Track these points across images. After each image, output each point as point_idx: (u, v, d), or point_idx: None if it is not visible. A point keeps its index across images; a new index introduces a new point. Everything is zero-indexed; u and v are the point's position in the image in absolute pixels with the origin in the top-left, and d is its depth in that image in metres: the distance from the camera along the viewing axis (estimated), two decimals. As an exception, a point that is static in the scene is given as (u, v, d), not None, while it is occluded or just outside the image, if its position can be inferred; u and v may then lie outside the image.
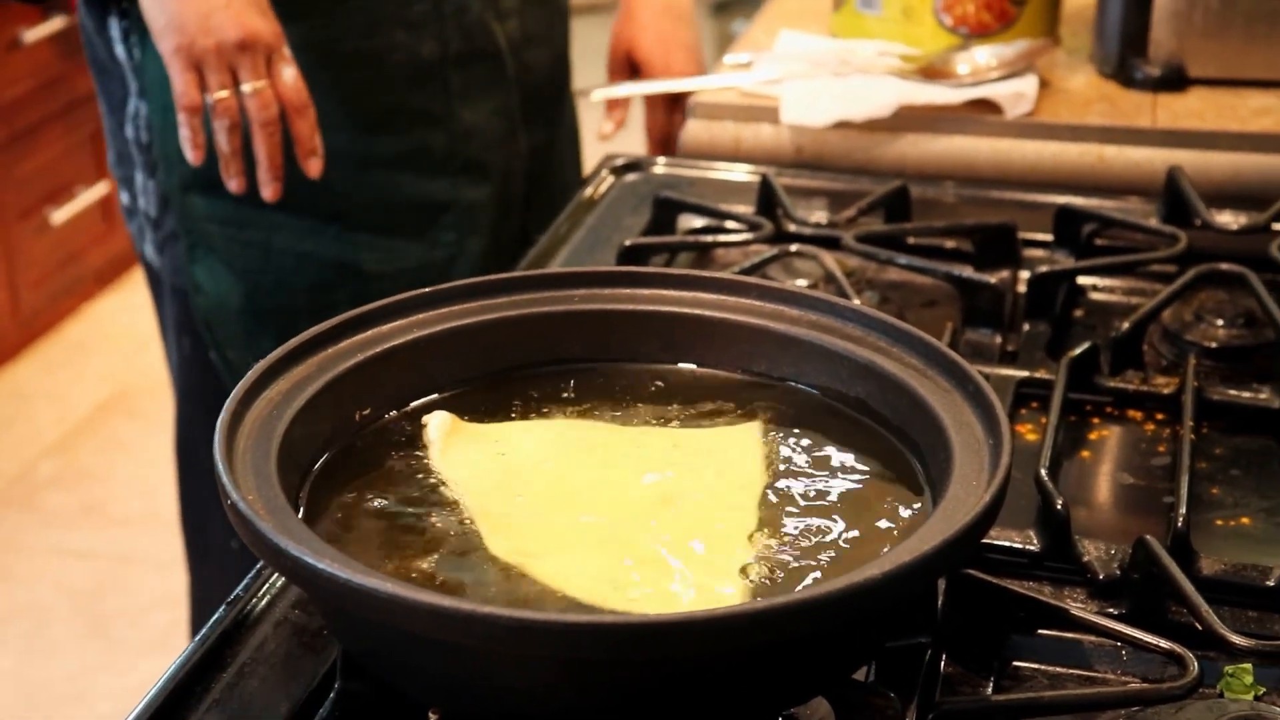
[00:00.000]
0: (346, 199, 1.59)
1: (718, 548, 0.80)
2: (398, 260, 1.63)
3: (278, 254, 1.60)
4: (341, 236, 1.60)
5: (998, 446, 0.79)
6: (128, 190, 1.66)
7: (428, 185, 1.62)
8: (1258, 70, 1.58)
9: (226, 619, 0.86)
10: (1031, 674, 0.84)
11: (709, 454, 0.88)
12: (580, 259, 1.35)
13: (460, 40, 1.61)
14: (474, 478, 0.86)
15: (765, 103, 1.56)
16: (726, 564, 0.79)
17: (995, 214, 1.36)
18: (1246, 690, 0.80)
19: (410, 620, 0.68)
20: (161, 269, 1.67)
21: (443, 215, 1.64)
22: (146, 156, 1.61)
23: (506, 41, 1.65)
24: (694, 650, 0.68)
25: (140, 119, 1.59)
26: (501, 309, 0.96)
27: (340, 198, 1.58)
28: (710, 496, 0.85)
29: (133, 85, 1.58)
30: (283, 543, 0.71)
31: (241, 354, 1.62)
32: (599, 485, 0.86)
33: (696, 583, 0.77)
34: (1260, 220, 1.31)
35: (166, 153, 1.56)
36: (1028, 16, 1.68)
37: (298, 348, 0.88)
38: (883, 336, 0.91)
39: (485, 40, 1.63)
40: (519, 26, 1.67)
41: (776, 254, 1.26)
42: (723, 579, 0.77)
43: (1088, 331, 1.21)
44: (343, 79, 1.56)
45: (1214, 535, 0.95)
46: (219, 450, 0.77)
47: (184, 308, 1.65)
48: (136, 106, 1.59)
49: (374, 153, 1.59)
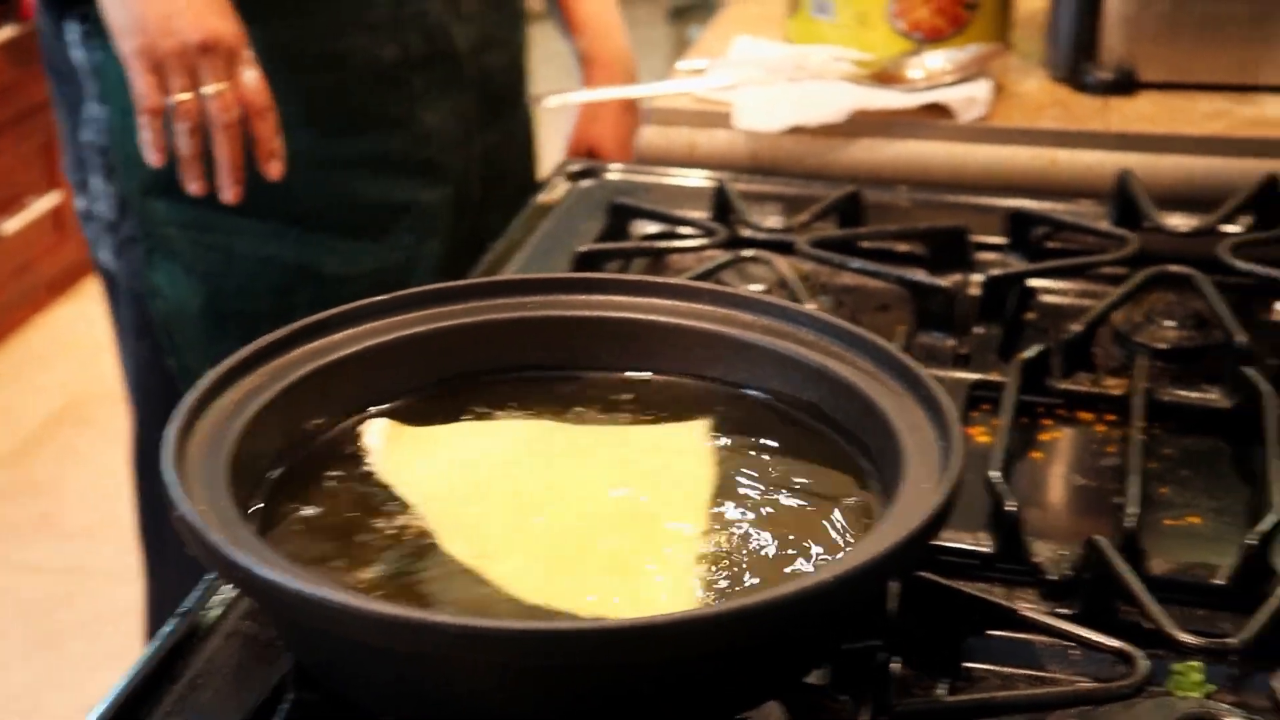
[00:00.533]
0: (308, 202, 1.59)
1: (672, 548, 0.80)
2: (357, 264, 1.62)
3: (239, 258, 1.60)
4: (302, 239, 1.60)
5: (949, 449, 0.79)
6: (84, 195, 1.65)
7: (387, 188, 1.62)
8: (1207, 74, 1.59)
9: (178, 630, 0.86)
10: (984, 675, 0.85)
11: (658, 451, 0.89)
12: (535, 265, 1.35)
13: (421, 43, 1.61)
14: (422, 482, 0.86)
15: (720, 108, 1.57)
16: (681, 565, 0.79)
17: (948, 218, 1.37)
18: (1195, 688, 0.80)
19: (361, 630, 0.68)
20: (118, 274, 1.66)
21: (402, 218, 1.64)
22: (104, 160, 1.60)
23: (466, 44, 1.66)
24: (646, 656, 0.68)
25: (98, 122, 1.59)
26: (455, 316, 0.96)
27: (302, 201, 1.58)
28: (662, 496, 0.85)
29: (90, 88, 1.58)
30: (233, 554, 0.71)
31: (199, 359, 1.61)
32: (550, 485, 0.86)
33: (652, 584, 0.77)
34: (1209, 222, 1.32)
35: (126, 156, 1.55)
36: (980, 21, 1.69)
37: (249, 357, 0.87)
38: (835, 341, 0.91)
39: (445, 43, 1.63)
40: (478, 29, 1.67)
41: (731, 259, 1.27)
42: (678, 580, 0.78)
43: (1039, 334, 1.22)
44: (305, 82, 1.56)
45: (1163, 535, 0.95)
46: (169, 461, 0.77)
47: (142, 313, 1.64)
48: (94, 110, 1.58)
49: (336, 155, 1.59)
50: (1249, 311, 1.24)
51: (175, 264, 1.59)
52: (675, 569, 0.79)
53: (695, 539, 0.81)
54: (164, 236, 1.59)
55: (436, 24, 1.62)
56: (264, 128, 1.42)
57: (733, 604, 0.68)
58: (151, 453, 1.75)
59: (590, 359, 0.97)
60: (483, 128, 1.70)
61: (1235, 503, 0.99)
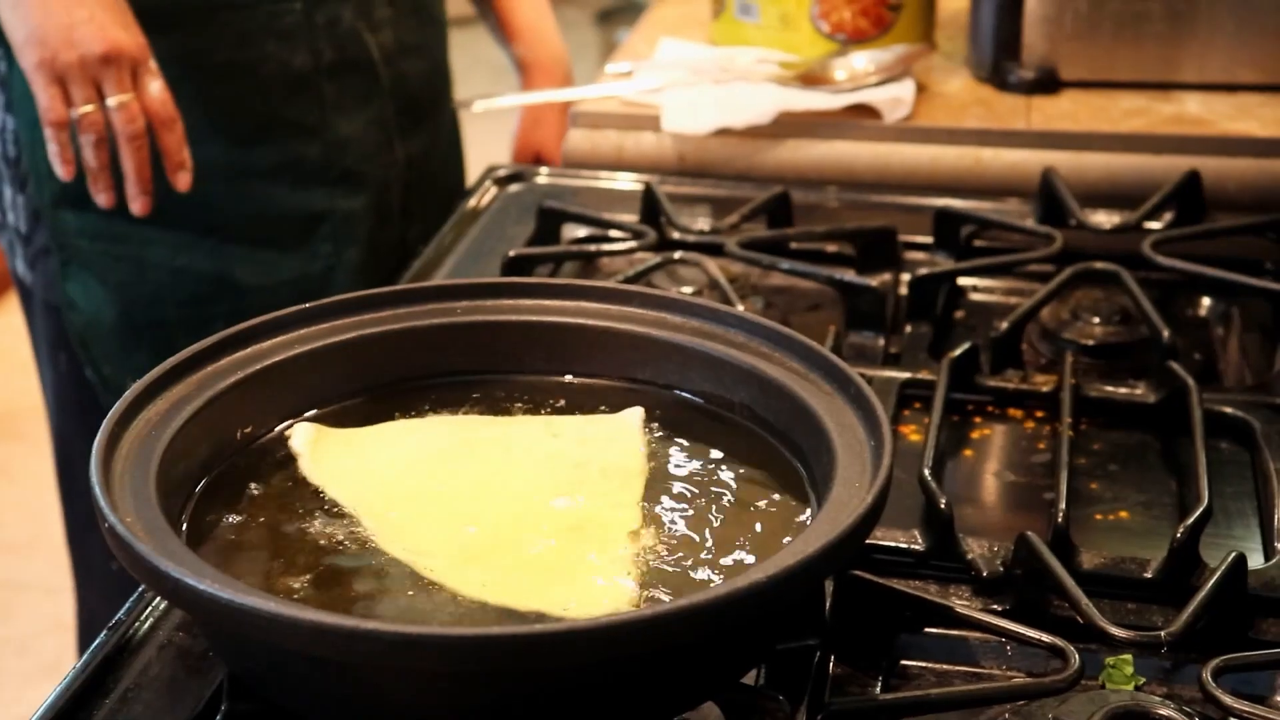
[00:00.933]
0: (221, 212, 1.57)
1: (606, 541, 0.80)
2: (275, 273, 1.61)
3: (152, 269, 1.58)
4: (217, 250, 1.58)
5: (879, 448, 0.80)
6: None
7: (303, 197, 1.61)
8: (1127, 72, 1.61)
9: (109, 644, 0.84)
10: (919, 672, 0.85)
11: (589, 442, 0.89)
12: (465, 270, 1.35)
13: (332, 50, 1.59)
14: (354, 484, 0.85)
15: (646, 111, 1.57)
16: (614, 558, 0.79)
17: (876, 218, 1.38)
18: (1127, 681, 0.81)
19: (293, 638, 0.67)
20: (33, 285, 1.64)
21: (319, 226, 1.62)
22: (15, 171, 1.58)
23: (380, 52, 1.64)
24: (581, 659, 0.68)
25: (7, 133, 1.57)
26: (384, 322, 0.95)
27: (215, 211, 1.56)
28: (593, 488, 0.85)
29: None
30: (162, 565, 0.70)
31: (117, 370, 1.59)
32: (482, 479, 0.86)
33: (591, 581, 0.78)
34: (1133, 219, 1.34)
35: (36, 167, 1.53)
36: (904, 22, 1.70)
37: (176, 366, 0.87)
38: (765, 342, 0.92)
39: (358, 50, 1.62)
40: (392, 36, 1.66)
41: (660, 261, 1.27)
42: (611, 574, 0.78)
43: (968, 332, 1.23)
44: (215, 91, 1.54)
45: (1093, 530, 0.96)
46: (95, 473, 0.76)
47: (58, 324, 1.62)
48: (3, 120, 1.56)
49: (248, 165, 1.57)
50: (1173, 307, 1.26)
51: (89, 275, 1.57)
52: (612, 565, 0.79)
53: (627, 532, 0.81)
54: (76, 248, 1.56)
55: (349, 31, 1.60)
56: (170, 139, 1.41)
57: (667, 606, 0.68)
58: (76, 465, 1.73)
59: (521, 363, 0.97)
60: (403, 135, 1.69)
61: (1163, 496, 1.00)
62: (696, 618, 0.68)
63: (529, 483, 0.86)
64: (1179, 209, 1.37)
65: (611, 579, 0.78)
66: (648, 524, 0.82)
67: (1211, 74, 1.60)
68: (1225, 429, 1.05)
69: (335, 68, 1.60)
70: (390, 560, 0.79)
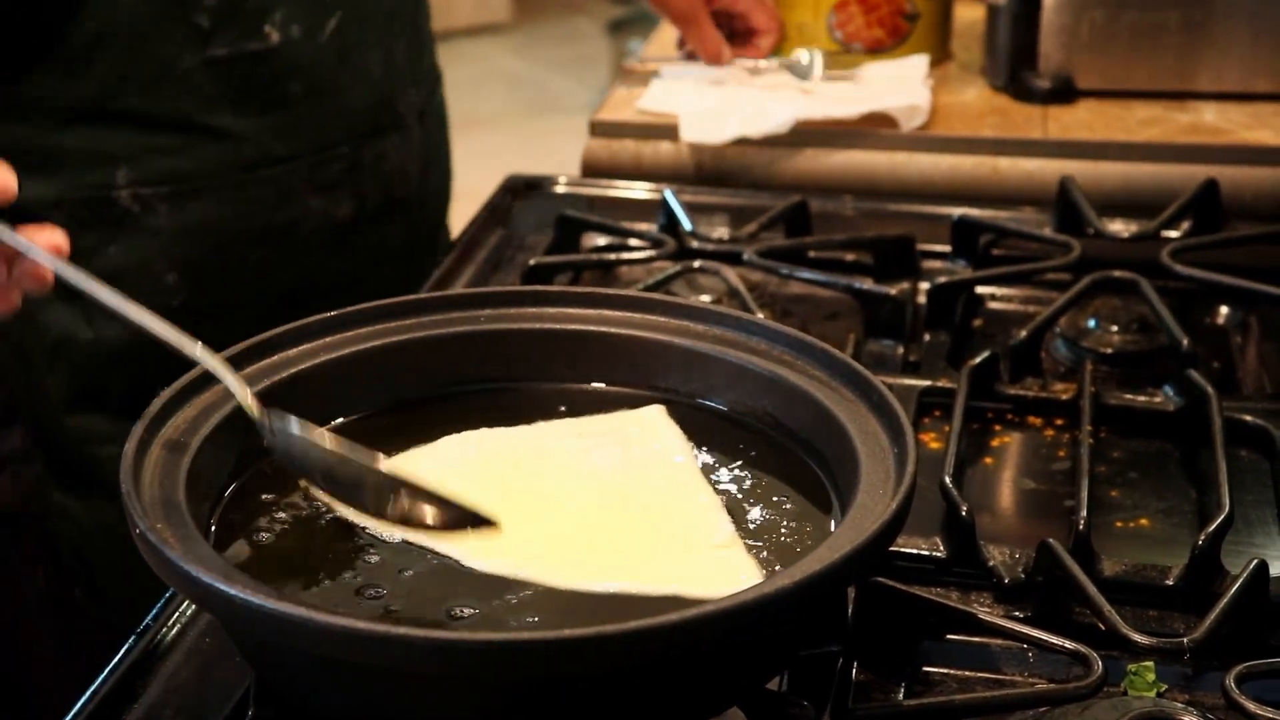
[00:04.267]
0: None
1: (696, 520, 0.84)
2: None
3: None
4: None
5: (903, 455, 0.80)
6: None
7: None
8: (1143, 82, 1.62)
9: (136, 649, 0.85)
10: (941, 678, 0.85)
11: (616, 434, 0.90)
12: (485, 279, 1.35)
13: (379, 194, 1.44)
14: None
15: (665, 121, 1.57)
16: (729, 539, 0.82)
17: (893, 226, 1.38)
18: (1149, 688, 0.81)
19: (325, 643, 0.68)
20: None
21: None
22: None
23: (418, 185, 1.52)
24: (611, 664, 0.69)
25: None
26: (408, 330, 0.96)
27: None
28: (643, 476, 0.87)
29: None
30: (193, 570, 0.70)
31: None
32: (531, 486, 0.86)
33: (704, 557, 0.81)
34: (1150, 228, 1.34)
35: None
36: (920, 32, 1.70)
37: (203, 374, 0.87)
38: (788, 350, 0.92)
39: (404, 189, 1.48)
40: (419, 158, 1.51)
41: (680, 270, 1.27)
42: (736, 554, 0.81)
43: (987, 340, 1.23)
44: (249, 258, 1.36)
45: (1114, 537, 0.97)
46: (126, 479, 0.77)
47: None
48: None
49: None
50: (1191, 315, 1.26)
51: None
52: (725, 545, 0.81)
53: (716, 509, 0.84)
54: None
55: (394, 169, 1.43)
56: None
57: (692, 612, 0.69)
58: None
59: (543, 372, 0.97)
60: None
61: (1183, 503, 1.00)
62: (722, 623, 0.68)
63: (580, 480, 0.87)
64: (1197, 217, 1.37)
65: (727, 554, 0.80)
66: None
67: (1228, 83, 1.60)
68: (1245, 437, 1.05)
69: (380, 213, 1.44)
70: (418, 575, 0.79)
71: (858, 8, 1.68)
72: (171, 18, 1.21)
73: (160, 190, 1.29)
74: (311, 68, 1.30)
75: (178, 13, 1.21)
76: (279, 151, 1.31)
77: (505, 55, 1.81)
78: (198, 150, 1.27)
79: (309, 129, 1.32)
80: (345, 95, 1.34)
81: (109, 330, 1.27)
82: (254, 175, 1.32)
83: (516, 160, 1.92)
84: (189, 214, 1.20)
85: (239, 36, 1.24)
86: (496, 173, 1.70)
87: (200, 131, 1.27)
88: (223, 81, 1.25)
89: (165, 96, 1.24)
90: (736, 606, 0.69)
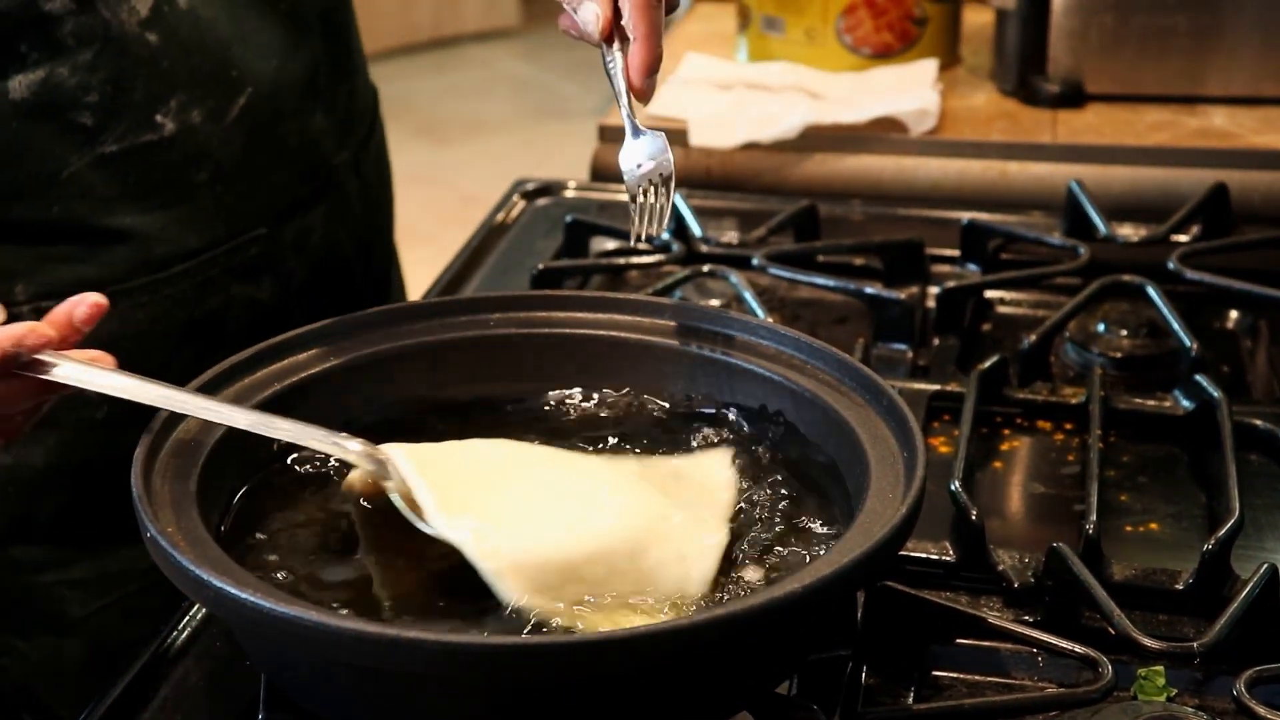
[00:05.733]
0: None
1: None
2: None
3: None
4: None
5: (912, 459, 0.80)
6: None
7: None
8: (1152, 86, 1.62)
9: (147, 654, 0.85)
10: (951, 683, 0.85)
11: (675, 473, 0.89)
12: (494, 283, 1.35)
13: (305, 270, 1.30)
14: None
15: (673, 125, 1.58)
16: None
17: (902, 230, 1.38)
18: (1159, 692, 0.81)
19: (336, 647, 0.68)
20: None
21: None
22: None
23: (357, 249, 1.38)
24: (618, 667, 0.69)
25: None
26: (418, 335, 0.96)
27: None
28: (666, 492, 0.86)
29: None
30: (204, 574, 0.71)
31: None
32: (544, 485, 0.85)
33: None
34: (1159, 232, 1.34)
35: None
36: (929, 36, 1.71)
37: (214, 379, 0.88)
38: (797, 354, 0.92)
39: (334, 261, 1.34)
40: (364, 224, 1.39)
41: (689, 274, 1.27)
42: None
43: (996, 344, 1.23)
44: (174, 360, 1.20)
45: (1124, 541, 0.97)
46: (137, 483, 0.77)
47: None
48: None
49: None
50: (1200, 319, 1.26)
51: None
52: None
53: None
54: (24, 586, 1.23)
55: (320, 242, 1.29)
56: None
57: (702, 615, 0.69)
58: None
59: (552, 376, 0.97)
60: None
61: (1192, 508, 1.00)
62: (732, 627, 0.69)
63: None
64: (1206, 222, 1.37)
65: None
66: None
67: (1237, 87, 1.60)
68: (1254, 441, 1.05)
69: (308, 288, 1.30)
70: (423, 577, 0.79)
71: (867, 12, 1.68)
72: (49, 119, 1.11)
73: None
74: (217, 152, 1.19)
75: (55, 114, 1.11)
76: (192, 244, 1.19)
77: (514, 60, 1.82)
78: (102, 255, 1.16)
79: (224, 216, 1.21)
80: (261, 175, 1.23)
81: (31, 456, 1.18)
82: (168, 273, 1.19)
83: (525, 165, 1.92)
84: (102, 324, 1.00)
85: (129, 130, 1.12)
86: (505, 177, 1.70)
87: (101, 235, 1.16)
88: (117, 180, 1.14)
89: (55, 202, 1.13)
90: (746, 610, 0.69)
